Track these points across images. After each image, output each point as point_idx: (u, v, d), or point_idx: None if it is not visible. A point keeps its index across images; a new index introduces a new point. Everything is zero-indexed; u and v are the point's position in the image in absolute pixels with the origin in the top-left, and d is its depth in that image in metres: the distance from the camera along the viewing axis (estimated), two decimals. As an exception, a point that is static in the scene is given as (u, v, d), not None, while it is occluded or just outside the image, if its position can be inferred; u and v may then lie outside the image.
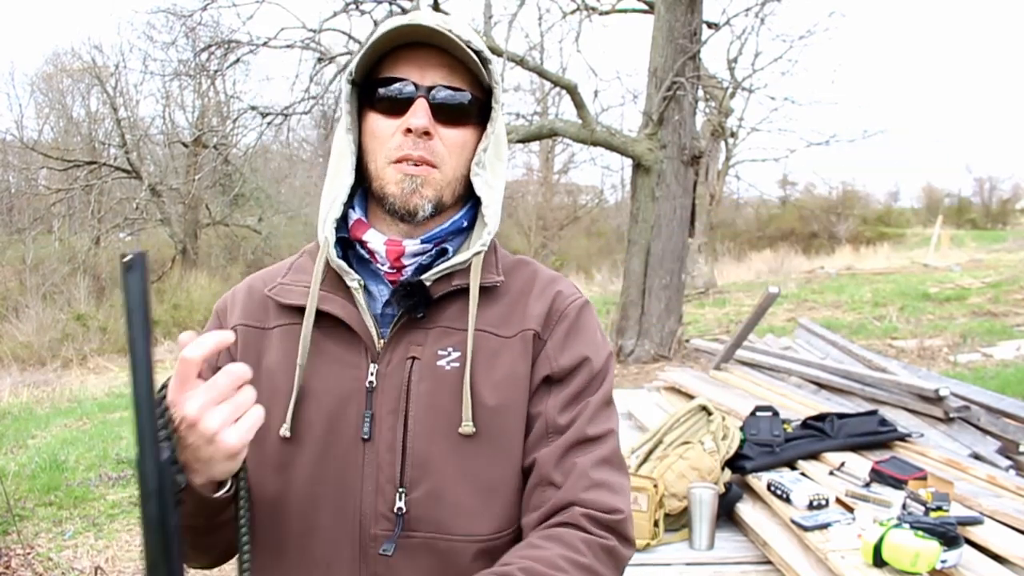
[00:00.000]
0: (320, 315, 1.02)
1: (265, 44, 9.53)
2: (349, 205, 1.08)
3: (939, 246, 20.72)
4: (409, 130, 0.99)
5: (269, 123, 10.36)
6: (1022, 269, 14.81)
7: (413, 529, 0.96)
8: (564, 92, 8.98)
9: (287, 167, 24.08)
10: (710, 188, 15.54)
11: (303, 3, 9.96)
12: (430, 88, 1.00)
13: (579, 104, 8.92)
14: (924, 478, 3.38)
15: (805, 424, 4.09)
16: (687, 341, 8.81)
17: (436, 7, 9.06)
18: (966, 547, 2.77)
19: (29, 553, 3.88)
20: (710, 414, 3.84)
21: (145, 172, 20.10)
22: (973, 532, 2.90)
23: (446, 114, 1.01)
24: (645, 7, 11.26)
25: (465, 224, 1.08)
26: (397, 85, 1.01)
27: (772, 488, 3.42)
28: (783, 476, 3.53)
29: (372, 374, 1.00)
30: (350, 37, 9.75)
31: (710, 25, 10.49)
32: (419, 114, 0.99)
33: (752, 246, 25.05)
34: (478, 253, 1.03)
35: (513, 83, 21.96)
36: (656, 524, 3.30)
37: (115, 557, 3.88)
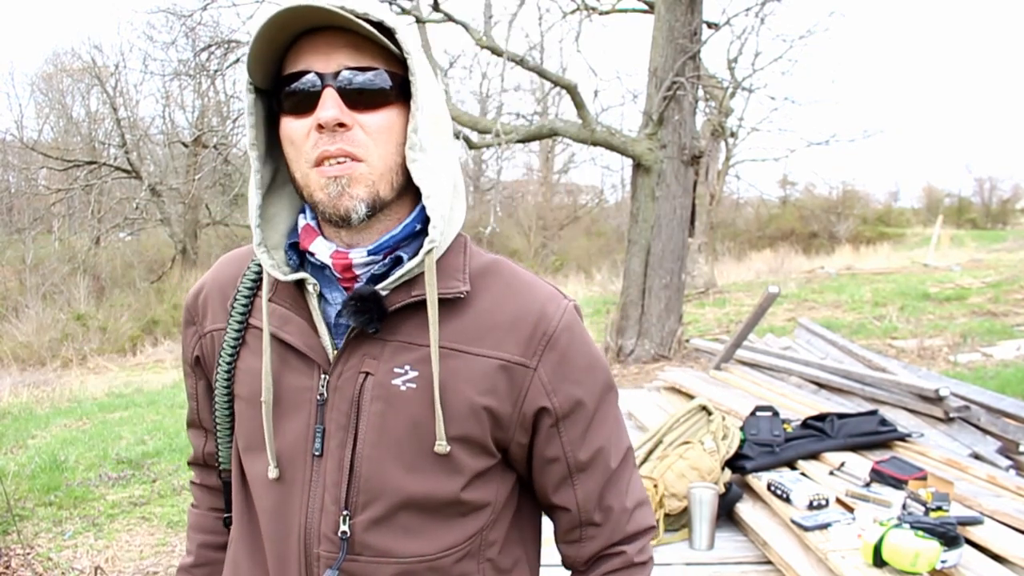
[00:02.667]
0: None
1: (265, 44, 9.51)
2: (300, 210, 1.00)
3: (939, 246, 20.70)
4: (322, 126, 0.87)
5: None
6: (1022, 269, 14.80)
7: (358, 553, 0.93)
8: (564, 92, 8.98)
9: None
10: (710, 188, 15.53)
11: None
12: (336, 74, 0.88)
13: (579, 104, 8.92)
14: (924, 478, 3.38)
15: (805, 424, 4.09)
16: (687, 341, 8.80)
17: (436, 7, 9.07)
18: (966, 547, 2.77)
19: (29, 553, 3.88)
20: (710, 414, 3.84)
21: (145, 172, 20.11)
22: (973, 532, 2.90)
23: (360, 99, 0.88)
24: (645, 7, 11.26)
25: (418, 227, 0.96)
26: (300, 80, 0.88)
27: (772, 488, 3.42)
28: (783, 476, 3.53)
29: (323, 386, 0.94)
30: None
31: (710, 25, 10.48)
32: (327, 105, 0.86)
33: (752, 246, 25.03)
34: (429, 252, 0.91)
35: (513, 83, 21.96)
36: (656, 524, 3.29)
37: (115, 557, 3.88)
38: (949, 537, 2.68)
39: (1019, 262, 16.29)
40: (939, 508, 2.91)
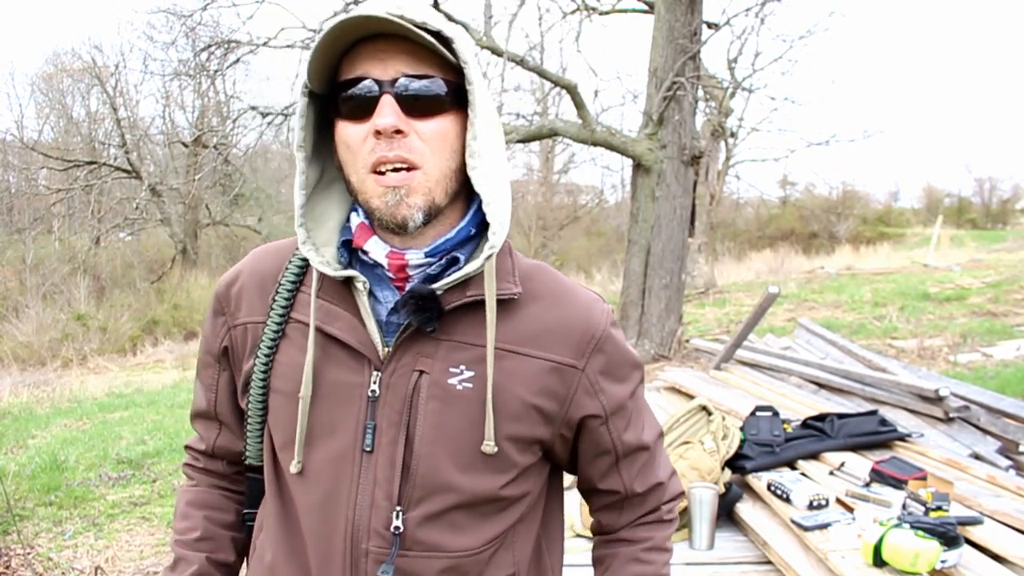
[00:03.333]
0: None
1: (265, 44, 9.51)
2: (351, 208, 1.01)
3: (939, 246, 20.69)
4: (379, 132, 0.89)
5: (269, 123, 10.34)
6: (1022, 269, 14.80)
7: (408, 548, 0.95)
8: (564, 92, 8.98)
9: (287, 167, 24.03)
10: (710, 188, 15.53)
11: (303, 3, 9.95)
12: (394, 81, 0.89)
13: (579, 104, 8.92)
14: (924, 478, 3.38)
15: (805, 424, 4.09)
16: (687, 341, 8.80)
17: (436, 6, 9.07)
18: (966, 547, 2.77)
19: (29, 553, 3.88)
20: (710, 414, 3.84)
21: (145, 172, 20.10)
22: (973, 532, 2.90)
23: (417, 106, 0.90)
24: (645, 7, 11.26)
25: (473, 231, 0.98)
26: (358, 86, 0.90)
27: (772, 488, 3.42)
28: (783, 476, 3.53)
29: (375, 382, 0.95)
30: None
31: (710, 25, 10.48)
32: (385, 112, 0.88)
33: (752, 246, 25.04)
34: (489, 257, 0.94)
35: (513, 83, 21.94)
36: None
37: (115, 557, 3.88)
38: (949, 537, 2.68)
39: (1019, 262, 16.29)
40: (939, 508, 2.91)
